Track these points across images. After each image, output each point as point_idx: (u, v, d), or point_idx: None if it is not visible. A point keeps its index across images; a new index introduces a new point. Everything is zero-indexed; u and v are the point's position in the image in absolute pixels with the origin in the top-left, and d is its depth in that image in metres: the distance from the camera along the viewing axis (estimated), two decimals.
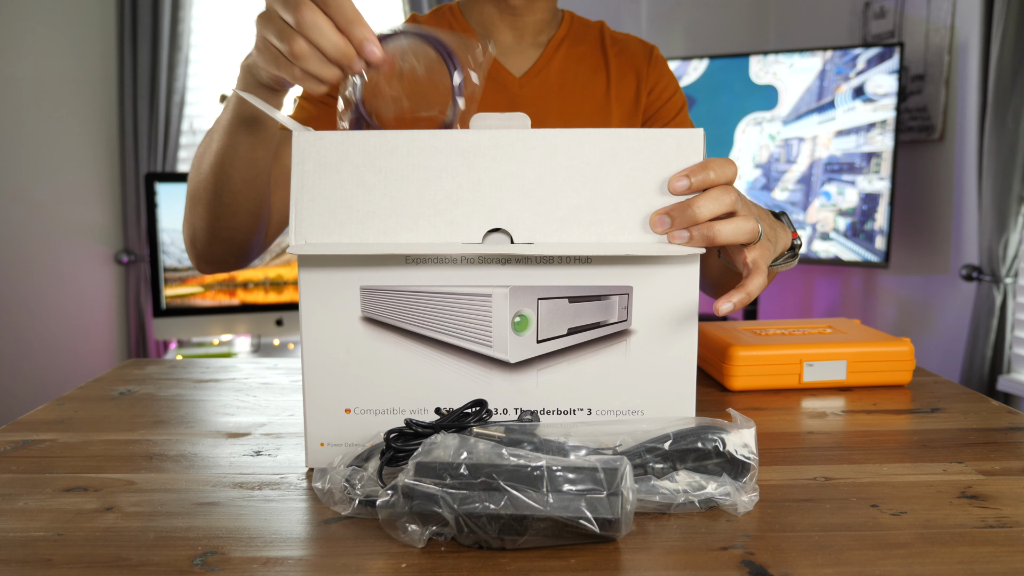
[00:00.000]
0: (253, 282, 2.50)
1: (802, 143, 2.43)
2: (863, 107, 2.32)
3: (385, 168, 0.58)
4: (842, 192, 2.37)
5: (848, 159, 2.35)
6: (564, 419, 0.62)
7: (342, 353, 0.61)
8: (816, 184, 2.43)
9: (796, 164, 2.46)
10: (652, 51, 1.06)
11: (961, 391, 0.84)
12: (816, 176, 2.43)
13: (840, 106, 2.36)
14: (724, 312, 0.58)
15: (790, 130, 2.47)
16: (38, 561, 0.49)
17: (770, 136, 2.49)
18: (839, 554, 0.49)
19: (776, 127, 2.48)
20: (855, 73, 2.32)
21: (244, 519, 0.54)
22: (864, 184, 2.32)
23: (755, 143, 2.53)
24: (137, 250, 2.75)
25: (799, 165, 2.45)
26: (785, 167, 2.48)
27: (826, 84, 2.38)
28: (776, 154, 2.49)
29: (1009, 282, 2.06)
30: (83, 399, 0.84)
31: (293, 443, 0.70)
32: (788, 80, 2.45)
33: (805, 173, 2.44)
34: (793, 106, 2.44)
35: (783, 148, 2.48)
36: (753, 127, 2.52)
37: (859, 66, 2.31)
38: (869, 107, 2.30)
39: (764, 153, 2.52)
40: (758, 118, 2.51)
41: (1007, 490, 0.58)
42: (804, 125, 2.44)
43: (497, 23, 1.00)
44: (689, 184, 0.58)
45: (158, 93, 2.67)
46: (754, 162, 2.55)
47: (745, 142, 2.54)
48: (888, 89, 2.26)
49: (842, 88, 2.35)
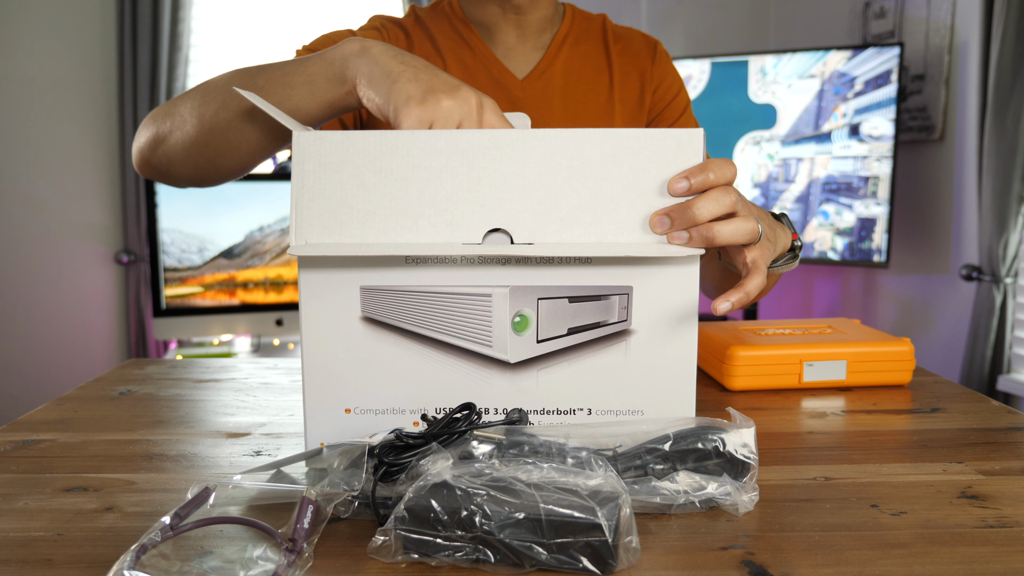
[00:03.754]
0: (253, 282, 2.50)
1: (800, 163, 2.45)
2: (859, 146, 2.34)
3: (385, 168, 0.58)
4: (840, 213, 2.39)
5: (846, 179, 2.37)
6: (564, 419, 0.62)
7: (342, 353, 0.61)
8: (814, 203, 2.45)
9: (794, 184, 2.47)
10: (656, 47, 1.05)
11: (961, 391, 0.84)
12: (814, 196, 2.44)
13: (836, 142, 2.38)
14: (722, 311, 0.58)
15: (788, 150, 2.48)
16: (38, 561, 0.49)
17: (768, 156, 2.50)
18: (839, 554, 0.49)
19: (774, 147, 2.49)
20: (853, 94, 2.33)
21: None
22: (861, 209, 2.35)
23: (753, 162, 2.54)
24: (137, 250, 2.75)
25: (797, 185, 2.47)
26: (783, 186, 2.49)
27: (824, 104, 2.39)
28: (774, 173, 2.51)
29: (1009, 282, 2.06)
30: (83, 399, 0.84)
31: (293, 443, 0.70)
32: (786, 99, 2.46)
33: (803, 192, 2.46)
34: (792, 126, 2.45)
35: (781, 167, 2.49)
36: (752, 146, 2.53)
37: (857, 87, 2.32)
38: (864, 147, 2.33)
39: (763, 172, 2.53)
40: (756, 137, 2.52)
41: (1007, 490, 0.58)
42: (802, 149, 2.45)
43: (500, 22, 0.99)
44: (689, 186, 0.58)
45: (158, 93, 2.67)
46: (752, 181, 2.56)
47: (744, 161, 2.55)
48: (884, 131, 2.28)
49: (840, 109, 2.35)
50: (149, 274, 2.52)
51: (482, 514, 0.46)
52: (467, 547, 0.47)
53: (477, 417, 0.56)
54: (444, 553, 0.47)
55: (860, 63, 2.32)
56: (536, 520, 0.46)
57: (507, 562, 0.46)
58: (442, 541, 0.47)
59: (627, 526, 0.46)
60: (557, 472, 0.49)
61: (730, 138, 2.57)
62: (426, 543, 0.47)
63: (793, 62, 2.43)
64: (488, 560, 0.46)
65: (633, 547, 0.47)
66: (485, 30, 1.00)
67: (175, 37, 2.67)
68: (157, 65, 2.66)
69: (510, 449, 0.53)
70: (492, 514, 0.46)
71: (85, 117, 2.72)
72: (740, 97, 2.53)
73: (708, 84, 2.57)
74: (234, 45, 2.78)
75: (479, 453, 0.53)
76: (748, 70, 2.51)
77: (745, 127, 2.55)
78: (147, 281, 2.76)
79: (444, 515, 0.47)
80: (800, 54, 2.44)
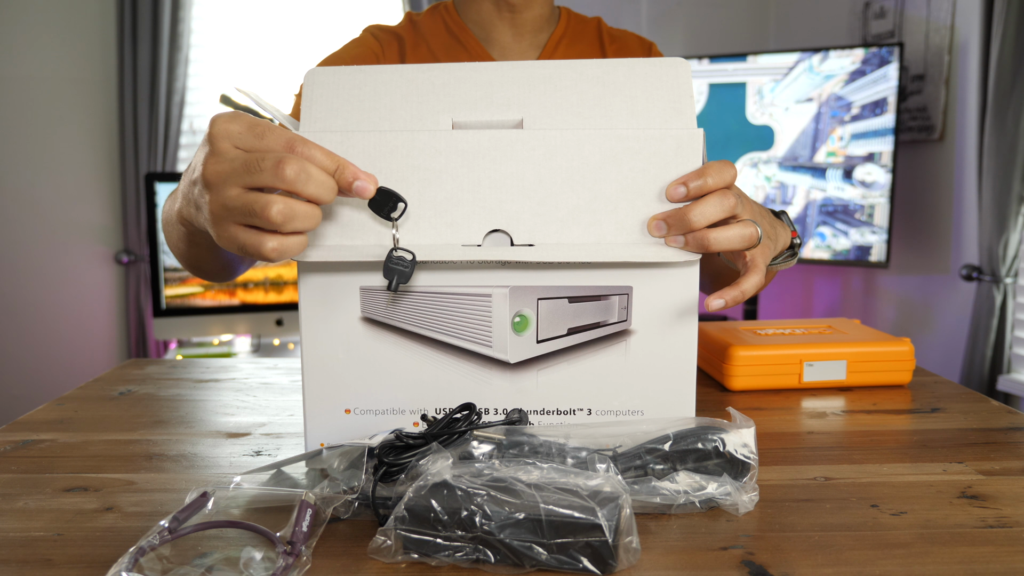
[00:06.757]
0: (253, 282, 2.50)
1: (797, 186, 2.46)
2: (852, 190, 2.36)
3: (385, 169, 0.58)
4: (836, 236, 2.40)
5: (842, 202, 2.39)
6: (564, 419, 0.62)
7: (342, 353, 0.61)
8: (811, 225, 2.46)
9: (791, 206, 2.49)
10: (651, 48, 1.05)
11: (961, 391, 0.84)
12: (811, 217, 2.46)
13: (831, 180, 2.40)
14: (715, 308, 0.58)
15: (785, 175, 2.50)
16: (38, 561, 0.49)
17: (766, 178, 2.51)
18: (839, 554, 0.49)
19: (772, 169, 2.50)
20: (850, 117, 2.34)
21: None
22: (856, 237, 2.36)
23: (751, 184, 2.54)
24: (137, 250, 2.75)
25: (794, 207, 2.48)
26: (781, 208, 2.50)
27: (821, 127, 2.40)
28: (772, 195, 2.52)
29: (1009, 282, 2.06)
30: (83, 399, 0.84)
31: (293, 443, 0.70)
32: (784, 121, 2.47)
33: (800, 214, 2.47)
34: (789, 148, 2.46)
35: (779, 189, 2.50)
36: (749, 168, 2.53)
37: (854, 111, 2.33)
38: (857, 191, 2.34)
39: (760, 194, 2.55)
40: (754, 158, 2.53)
41: (1007, 490, 0.58)
42: (798, 178, 2.47)
43: (495, 21, 1.00)
44: (686, 191, 0.57)
45: (158, 93, 2.67)
46: None
47: (741, 182, 2.56)
48: (877, 178, 2.29)
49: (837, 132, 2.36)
50: (149, 274, 2.52)
51: (482, 514, 0.46)
52: (467, 547, 0.47)
53: (477, 417, 0.56)
54: (444, 553, 0.47)
55: (858, 89, 2.33)
56: (536, 520, 0.46)
57: (507, 562, 0.46)
58: (442, 541, 0.47)
59: (627, 526, 0.46)
60: (557, 472, 0.49)
61: (727, 159, 2.57)
62: (426, 543, 0.47)
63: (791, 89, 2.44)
64: (488, 560, 0.46)
65: (633, 547, 0.47)
66: (480, 30, 1.01)
67: (175, 37, 2.67)
68: (157, 65, 2.66)
69: (510, 449, 0.53)
70: (492, 514, 0.46)
71: (85, 117, 2.72)
72: (738, 118, 2.54)
73: (706, 105, 2.58)
74: (234, 45, 2.78)
75: (479, 453, 0.53)
76: (746, 91, 2.52)
77: (742, 148, 2.56)
78: (147, 281, 2.76)
79: (444, 515, 0.47)
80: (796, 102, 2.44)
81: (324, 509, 0.51)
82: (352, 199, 0.58)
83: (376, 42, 0.98)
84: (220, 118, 0.53)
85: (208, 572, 0.46)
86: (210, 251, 0.76)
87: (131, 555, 0.46)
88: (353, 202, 0.58)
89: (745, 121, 2.53)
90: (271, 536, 0.50)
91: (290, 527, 0.49)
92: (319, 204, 0.52)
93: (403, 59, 0.99)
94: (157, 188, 2.37)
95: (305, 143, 0.52)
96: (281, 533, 0.49)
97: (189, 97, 2.77)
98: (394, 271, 0.56)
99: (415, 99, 0.61)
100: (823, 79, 2.39)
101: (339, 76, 0.61)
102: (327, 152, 0.52)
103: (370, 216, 0.57)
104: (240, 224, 0.52)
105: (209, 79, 2.79)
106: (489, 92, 0.62)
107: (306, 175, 0.50)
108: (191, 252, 0.77)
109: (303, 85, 0.61)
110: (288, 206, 0.50)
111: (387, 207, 0.55)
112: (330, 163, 0.52)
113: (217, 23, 2.77)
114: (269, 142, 0.52)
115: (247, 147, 0.52)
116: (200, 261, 0.80)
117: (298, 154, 0.51)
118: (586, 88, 0.61)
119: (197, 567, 0.47)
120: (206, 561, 0.47)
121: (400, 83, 0.61)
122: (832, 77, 2.38)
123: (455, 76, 0.62)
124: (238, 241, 0.52)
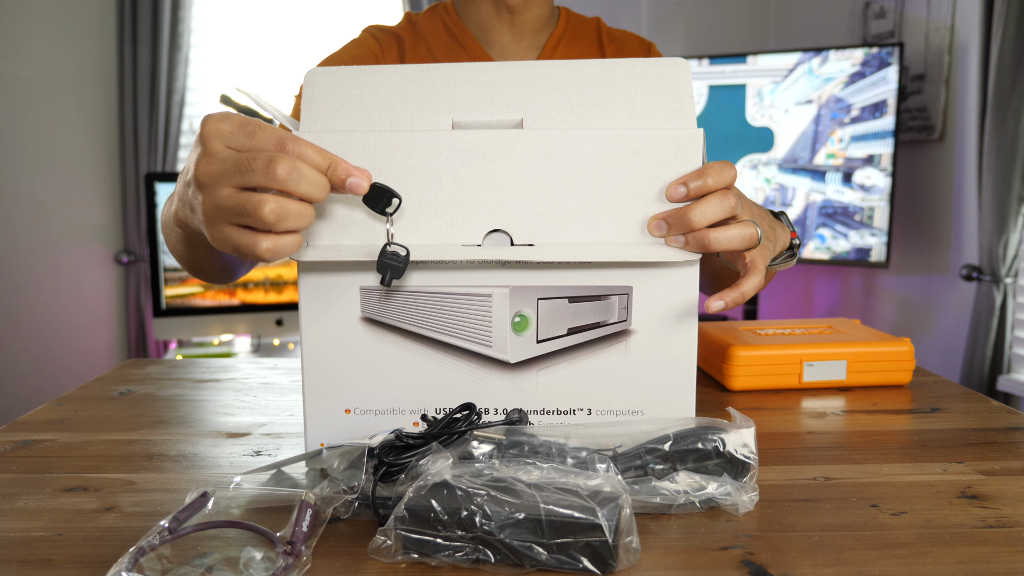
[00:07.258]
0: (253, 282, 2.50)
1: (797, 188, 2.46)
2: (851, 193, 2.36)
3: (385, 169, 0.58)
4: (836, 238, 2.40)
5: (842, 205, 2.39)
6: (564, 419, 0.62)
7: (342, 353, 0.61)
8: (811, 227, 2.47)
9: (791, 208, 2.49)
10: (650, 48, 1.05)
11: (961, 391, 0.84)
12: (811, 219, 2.46)
13: (830, 184, 2.40)
14: (715, 310, 0.58)
15: (785, 177, 2.50)
16: (38, 561, 0.49)
17: (765, 180, 2.51)
18: (839, 554, 0.49)
19: (771, 171, 2.50)
20: (849, 119, 2.34)
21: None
22: (856, 239, 2.36)
23: (751, 186, 2.54)
24: (137, 250, 2.75)
25: (794, 209, 2.48)
26: (780, 209, 2.51)
27: (821, 129, 2.40)
28: (771, 197, 2.52)
29: (1009, 282, 2.06)
30: (83, 399, 0.84)
31: (293, 443, 0.70)
32: (784, 123, 2.47)
33: (800, 216, 2.47)
34: (789, 150, 2.46)
35: (778, 191, 2.50)
36: (749, 169, 2.54)
37: (854, 113, 2.33)
38: (856, 195, 2.34)
39: (760, 196, 2.55)
40: (754, 160, 2.53)
41: (1007, 490, 0.58)
42: (797, 180, 2.47)
43: (494, 22, 1.00)
44: (686, 191, 0.57)
45: (158, 93, 2.67)
46: None
47: (741, 184, 2.56)
48: (877, 182, 2.29)
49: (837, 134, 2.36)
50: (149, 274, 2.52)
51: (482, 514, 0.46)
52: (467, 547, 0.47)
53: (477, 417, 0.56)
54: (444, 553, 0.47)
55: (857, 91, 2.33)
56: (536, 520, 0.46)
57: (507, 562, 0.46)
58: (442, 541, 0.47)
59: (627, 526, 0.46)
60: (557, 472, 0.49)
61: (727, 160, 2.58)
62: (426, 543, 0.47)
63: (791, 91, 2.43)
64: (488, 560, 0.46)
65: (633, 547, 0.47)
66: (480, 30, 1.01)
67: (175, 37, 2.67)
68: (157, 65, 2.66)
69: (510, 449, 0.53)
70: (492, 514, 0.46)
71: (85, 117, 2.72)
72: (737, 120, 2.54)
73: (706, 107, 2.58)
74: (234, 45, 2.78)
75: (479, 453, 0.53)
76: (746, 93, 2.52)
77: (742, 150, 2.56)
78: (147, 281, 2.76)
79: (444, 515, 0.47)
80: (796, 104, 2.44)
81: (324, 509, 0.51)
82: (347, 197, 0.57)
83: (375, 42, 0.98)
84: (211, 118, 0.53)
85: (208, 572, 0.46)
86: (208, 253, 0.76)
87: (131, 555, 0.46)
88: (349, 201, 0.58)
89: (745, 123, 2.54)
90: (271, 536, 0.50)
91: (290, 527, 0.49)
92: (312, 202, 0.52)
93: (402, 59, 0.99)
94: (157, 188, 2.37)
95: (297, 141, 0.51)
96: (281, 533, 0.49)
97: (189, 97, 2.77)
98: (388, 266, 0.56)
99: (415, 99, 0.61)
100: (823, 81, 2.39)
101: (339, 76, 0.61)
102: (319, 150, 0.52)
103: (366, 214, 0.57)
104: (233, 224, 0.52)
105: (209, 79, 2.79)
106: (489, 92, 0.62)
107: (298, 174, 0.50)
108: (190, 254, 0.77)
109: (303, 85, 0.61)
110: (280, 205, 0.50)
111: (382, 203, 0.55)
112: (322, 161, 0.52)
113: (217, 23, 2.77)
114: (260, 141, 0.52)
115: (238, 146, 0.52)
116: (200, 263, 0.80)
117: (289, 152, 0.51)
118: (586, 88, 0.61)
119: (197, 567, 0.47)
120: (206, 561, 0.47)
121: (400, 83, 0.61)
122: (832, 79, 2.38)
123: (455, 76, 0.62)
124: (232, 241, 0.52)
